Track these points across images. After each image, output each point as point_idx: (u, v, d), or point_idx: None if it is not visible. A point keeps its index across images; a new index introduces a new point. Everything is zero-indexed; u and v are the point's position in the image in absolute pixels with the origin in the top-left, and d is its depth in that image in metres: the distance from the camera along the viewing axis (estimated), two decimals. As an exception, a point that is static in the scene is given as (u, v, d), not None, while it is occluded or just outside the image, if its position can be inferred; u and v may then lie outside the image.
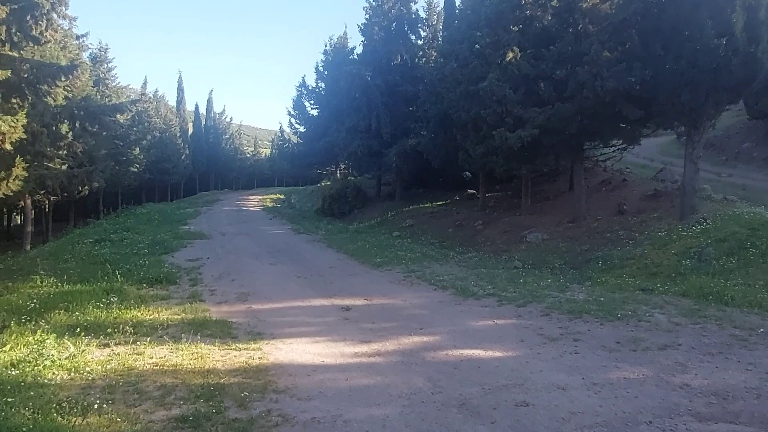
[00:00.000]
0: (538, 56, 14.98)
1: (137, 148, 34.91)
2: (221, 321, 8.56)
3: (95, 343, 7.34)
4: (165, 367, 6.35)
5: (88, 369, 6.21)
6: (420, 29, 29.08)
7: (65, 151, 14.61)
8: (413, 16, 28.72)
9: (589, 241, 14.72)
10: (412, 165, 27.03)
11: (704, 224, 12.21)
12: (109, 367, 6.33)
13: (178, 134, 49.75)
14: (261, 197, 47.49)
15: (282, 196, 48.42)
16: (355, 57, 30.15)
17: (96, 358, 6.74)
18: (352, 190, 29.92)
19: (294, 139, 46.54)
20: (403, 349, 7.02)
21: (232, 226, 25.52)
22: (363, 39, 29.80)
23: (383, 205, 29.07)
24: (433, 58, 28.80)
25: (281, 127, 76.87)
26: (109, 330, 7.82)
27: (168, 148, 45.06)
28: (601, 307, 8.45)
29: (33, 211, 29.79)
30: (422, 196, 29.49)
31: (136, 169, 34.57)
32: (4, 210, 28.39)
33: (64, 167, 14.72)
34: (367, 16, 28.16)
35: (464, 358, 6.52)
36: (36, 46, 12.82)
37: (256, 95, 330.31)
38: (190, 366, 6.38)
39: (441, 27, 28.67)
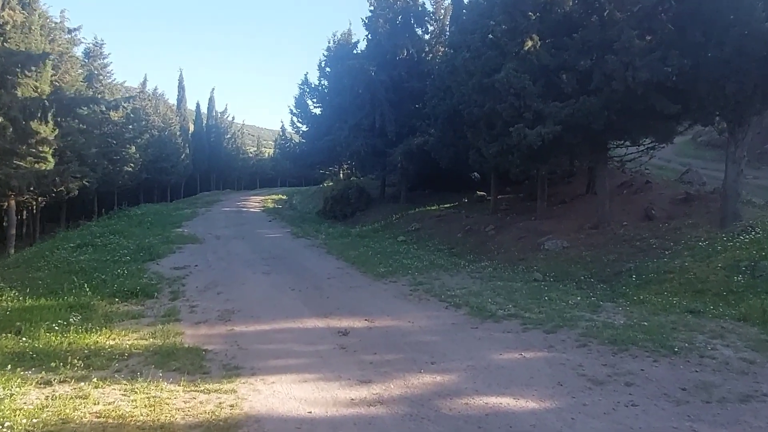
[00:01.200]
0: (559, 45, 13.57)
1: (133, 147, 33.65)
2: (194, 349, 7.20)
3: (35, 381, 6.00)
4: (109, 420, 4.99)
5: (8, 424, 4.85)
6: (427, 23, 27.66)
7: (39, 149, 13.37)
8: (420, 9, 27.33)
9: (616, 249, 13.27)
10: (418, 165, 25.65)
11: (752, 233, 10.76)
12: (38, 419, 4.96)
13: (178, 133, 48.52)
14: (262, 198, 46.27)
15: (284, 197, 47.19)
16: (360, 52, 28.74)
17: (28, 404, 5.38)
18: (355, 192, 28.55)
19: (296, 138, 45.25)
20: (412, 393, 5.63)
21: (228, 228, 24.20)
22: (367, 33, 28.47)
23: (387, 207, 27.70)
24: (440, 53, 27.45)
25: (283, 125, 75.92)
26: (57, 361, 6.49)
27: (166, 147, 43.81)
28: (648, 335, 7.04)
29: (24, 212, 28.66)
30: (428, 198, 28.10)
31: (131, 169, 33.30)
32: None
33: (46, 166, 13.34)
34: (372, 8, 26.78)
35: (490, 410, 5.12)
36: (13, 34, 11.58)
37: (260, 95, 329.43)
38: (141, 418, 5.02)
39: (448, 22, 27.31)
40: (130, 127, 33.32)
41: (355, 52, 27.75)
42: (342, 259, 15.79)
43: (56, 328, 7.77)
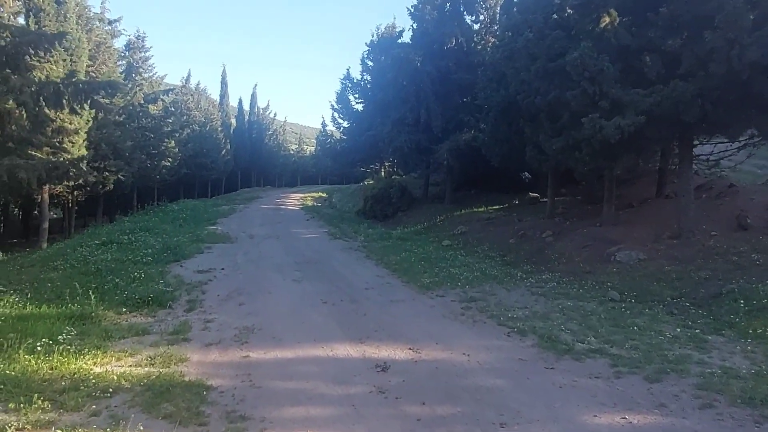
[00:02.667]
0: (641, 22, 11.54)
1: (172, 141, 33.10)
2: (196, 384, 5.76)
3: (-13, 426, 4.67)
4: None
5: None
6: (477, 10, 25.67)
7: (58, 139, 12.42)
8: (471, -5, 25.37)
9: (707, 265, 11.13)
10: (465, 163, 23.79)
11: None
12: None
13: (219, 129, 48.11)
14: (302, 195, 45.41)
15: (324, 195, 46.18)
16: (405, 42, 27.05)
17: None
18: (397, 191, 26.92)
19: (337, 134, 44.13)
20: (479, 480, 3.97)
21: (264, 227, 23.06)
22: (413, 24, 26.70)
23: (431, 207, 25.95)
24: (491, 43, 25.47)
25: (324, 121, 75.28)
26: (25, 397, 5.17)
27: (207, 142, 43.35)
28: (797, 393, 5.12)
29: (67, 206, 28.45)
30: (474, 199, 26.22)
31: (169, 163, 32.76)
32: (18, 203, 27.08)
33: (66, 157, 12.36)
34: (419, -6, 25.02)
35: None
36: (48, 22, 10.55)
37: (303, 93, 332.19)
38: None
39: (499, 10, 25.27)
40: (169, 120, 32.79)
41: (399, 41, 26.00)
42: (382, 265, 14.23)
43: (39, 348, 6.48)
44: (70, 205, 25.02)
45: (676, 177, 16.89)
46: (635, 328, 7.85)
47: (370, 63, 39.46)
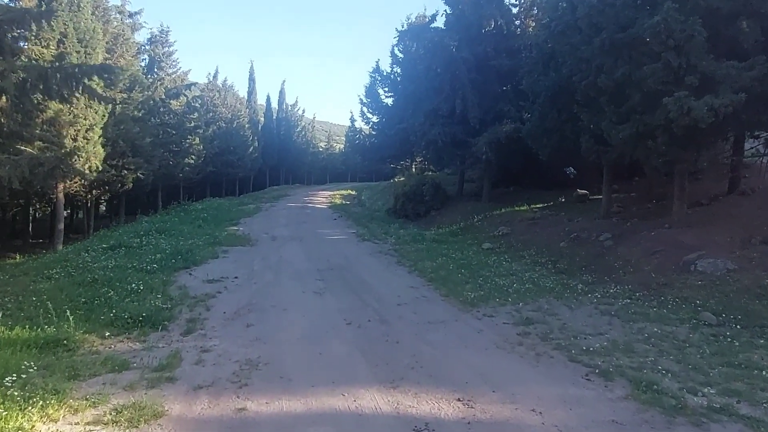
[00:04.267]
0: (734, -19, 9.39)
1: (196, 138, 32.03)
2: (165, 461, 4.13)
3: None
4: None
5: None
6: (517, -8, 23.55)
7: (51, 131, 11.16)
8: (510, -26, 23.27)
9: (823, 278, 8.97)
10: (505, 157, 21.76)
11: None
12: None
13: (247, 125, 47.06)
14: (331, 193, 44.03)
15: (353, 192, 44.68)
16: (438, 27, 25.08)
17: None
18: (430, 188, 25.04)
19: (366, 130, 42.49)
20: None
21: (288, 227, 21.61)
22: (446, 9, 24.71)
23: (467, 206, 24.00)
24: (531, 28, 23.33)
25: (352, 116, 73.76)
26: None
27: (234, 139, 42.27)
28: None
29: (86, 206, 27.67)
30: (514, 196, 24.15)
31: (193, 161, 31.69)
32: (32, 203, 26.36)
33: (55, 152, 11.03)
34: (455, -26, 23.02)
35: None
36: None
37: (332, 91, 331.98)
38: None
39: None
40: (193, 116, 31.68)
41: (432, 27, 24.02)
42: (416, 272, 12.48)
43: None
44: (89, 204, 24.15)
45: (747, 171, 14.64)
46: (756, 370, 5.88)
47: (400, 55, 37.66)
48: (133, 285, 9.80)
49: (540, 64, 16.16)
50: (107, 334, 7.41)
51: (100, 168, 19.78)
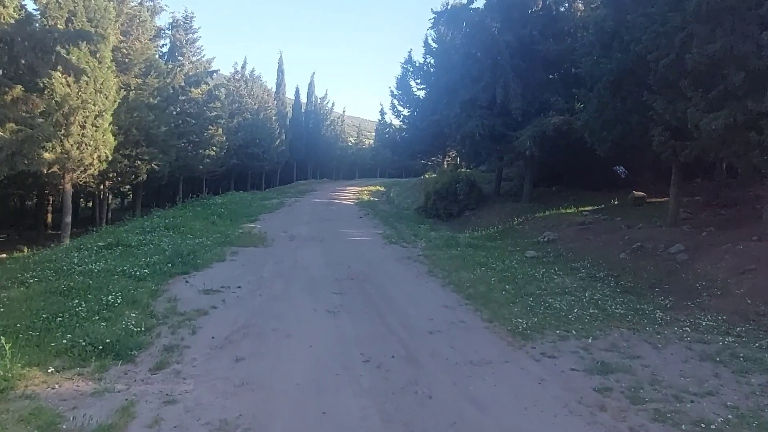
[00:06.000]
0: None
1: (219, 129, 30.62)
2: None
3: None
4: None
5: None
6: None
7: (22, 111, 9.67)
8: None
9: None
10: (549, 153, 19.55)
11: None
12: None
13: (274, 117, 45.59)
14: (359, 189, 42.36)
15: (382, 189, 42.90)
16: (477, 9, 22.90)
17: None
18: (464, 186, 22.97)
19: (396, 123, 40.59)
20: None
21: (309, 225, 19.93)
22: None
23: (504, 206, 21.85)
24: (580, 12, 20.94)
25: (382, 109, 71.75)
26: None
27: (259, 131, 40.79)
28: None
29: (98, 198, 26.59)
30: (557, 197, 21.89)
31: (214, 152, 30.30)
32: (35, 195, 25.38)
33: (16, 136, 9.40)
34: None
35: None
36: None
37: (363, 85, 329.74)
38: None
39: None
40: (216, 105, 30.22)
41: (472, 7, 21.89)
42: (451, 286, 10.54)
43: None
44: (101, 197, 22.99)
45: None
46: None
47: (433, 45, 35.61)
48: (111, 297, 8.14)
49: (598, 45, 13.92)
50: (54, 368, 5.73)
51: (110, 158, 18.43)
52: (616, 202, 18.52)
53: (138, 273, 9.92)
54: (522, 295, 9.70)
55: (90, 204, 31.35)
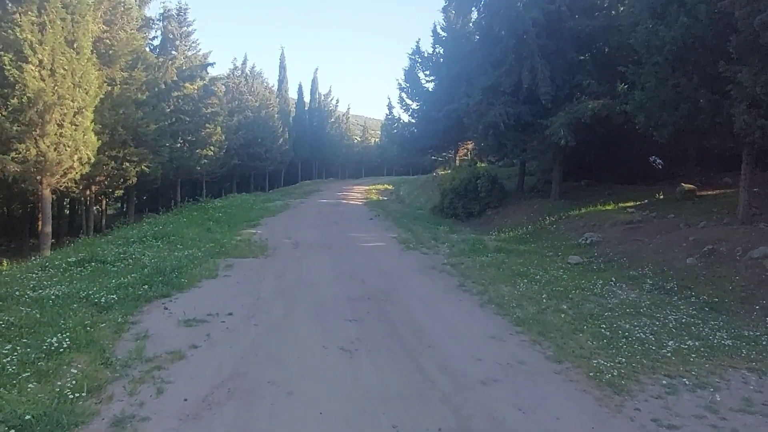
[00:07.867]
0: None
1: (217, 127, 28.65)
2: None
3: None
4: None
5: None
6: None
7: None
8: None
9: None
10: (583, 143, 17.43)
11: None
12: None
13: (276, 115, 43.63)
14: (366, 188, 40.50)
15: (390, 187, 41.00)
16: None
17: None
18: (485, 182, 20.89)
19: (405, 117, 38.52)
20: None
21: (316, 229, 17.99)
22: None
23: (531, 204, 19.78)
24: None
25: (390, 103, 69.63)
26: None
27: (261, 129, 38.82)
28: None
29: (84, 204, 24.75)
30: (589, 192, 19.80)
31: (212, 152, 28.35)
32: (18, 203, 23.49)
33: None
34: None
35: None
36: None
37: (368, 84, 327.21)
38: None
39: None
40: (212, 101, 28.27)
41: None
42: (492, 306, 8.53)
43: None
44: (87, 203, 21.12)
45: None
46: None
47: (442, 33, 33.60)
48: (57, 338, 6.17)
49: (646, 13, 11.78)
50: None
51: (93, 159, 16.52)
52: (661, 197, 16.40)
53: (104, 300, 7.94)
54: (585, 318, 7.68)
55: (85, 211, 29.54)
